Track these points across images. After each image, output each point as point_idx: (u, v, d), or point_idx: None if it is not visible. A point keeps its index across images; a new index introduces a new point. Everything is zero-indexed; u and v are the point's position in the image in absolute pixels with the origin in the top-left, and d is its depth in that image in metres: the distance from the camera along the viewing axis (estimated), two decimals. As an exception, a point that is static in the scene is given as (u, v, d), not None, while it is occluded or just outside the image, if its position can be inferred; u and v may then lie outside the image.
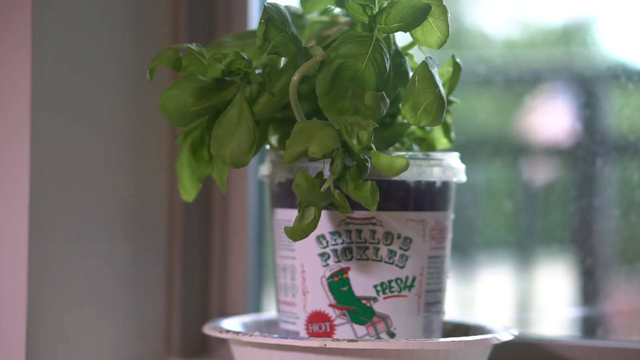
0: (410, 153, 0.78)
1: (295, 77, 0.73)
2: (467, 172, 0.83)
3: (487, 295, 2.13)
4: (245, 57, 0.75)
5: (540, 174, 2.14)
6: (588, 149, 1.37)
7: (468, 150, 1.22)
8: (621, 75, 1.24)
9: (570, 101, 2.09)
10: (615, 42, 1.29)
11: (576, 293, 1.89)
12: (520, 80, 1.48)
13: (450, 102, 0.81)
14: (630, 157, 1.38)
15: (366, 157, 0.73)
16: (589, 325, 1.57)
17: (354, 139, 0.71)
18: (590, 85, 2.07)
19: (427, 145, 0.84)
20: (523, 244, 2.11)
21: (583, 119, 1.42)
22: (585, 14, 1.32)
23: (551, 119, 2.07)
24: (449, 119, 0.84)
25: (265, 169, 0.82)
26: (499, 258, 2.25)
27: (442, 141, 0.84)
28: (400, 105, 0.74)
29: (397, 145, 0.82)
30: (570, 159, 1.80)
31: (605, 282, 1.86)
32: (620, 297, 1.80)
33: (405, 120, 0.79)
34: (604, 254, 1.82)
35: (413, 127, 0.81)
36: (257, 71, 0.78)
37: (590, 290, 1.80)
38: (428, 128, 0.83)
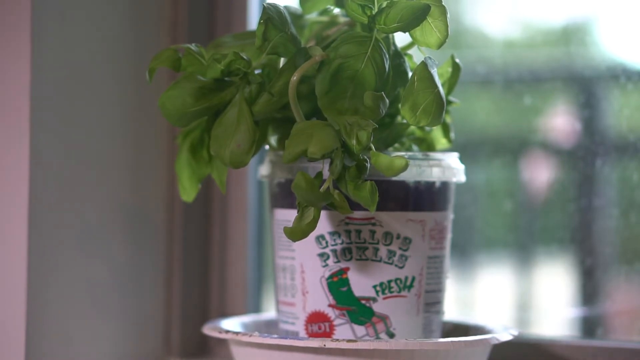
0: (409, 153, 0.77)
1: (295, 78, 0.73)
2: (467, 172, 0.83)
3: (487, 295, 2.13)
4: (245, 57, 0.75)
5: (540, 174, 2.14)
6: (588, 149, 1.37)
7: (468, 150, 1.22)
8: (621, 75, 1.24)
9: (570, 101, 2.09)
10: (615, 42, 1.29)
11: (576, 293, 1.89)
12: (520, 80, 1.48)
13: (449, 102, 0.81)
14: (630, 157, 1.38)
15: (365, 157, 0.73)
16: (589, 325, 1.57)
17: (353, 139, 0.71)
18: (590, 85, 2.07)
19: (427, 146, 0.84)
20: (523, 244, 2.11)
21: (583, 119, 1.42)
22: (585, 14, 1.32)
23: (551, 118, 2.07)
24: (448, 119, 0.84)
25: (264, 169, 0.82)
26: (499, 258, 2.25)
27: (441, 141, 0.84)
28: (400, 105, 0.74)
29: (396, 145, 0.82)
30: (570, 159, 1.80)
31: (605, 282, 1.86)
32: (620, 297, 1.80)
33: (404, 121, 0.79)
34: (604, 254, 1.82)
35: (412, 127, 0.81)
36: (256, 71, 0.78)
37: (590, 290, 1.80)
38: (427, 128, 0.83)
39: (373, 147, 0.73)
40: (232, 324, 0.87)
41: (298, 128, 0.72)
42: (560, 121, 2.11)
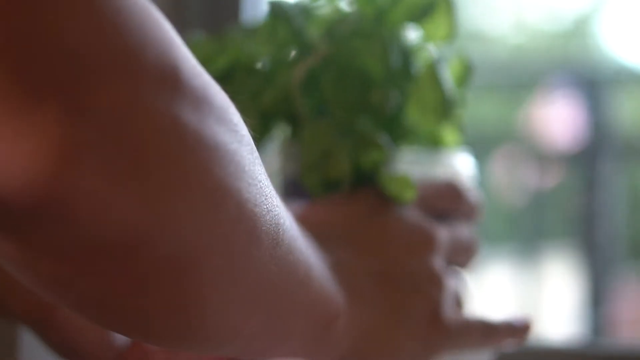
0: (416, 151, 0.76)
1: (300, 72, 0.72)
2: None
3: (490, 297, 2.13)
4: (251, 50, 0.74)
5: (546, 174, 2.14)
6: (594, 151, 1.37)
7: (468, 150, 1.22)
8: (627, 78, 1.25)
9: (576, 103, 2.09)
10: (621, 45, 1.29)
11: (582, 293, 1.89)
12: (522, 81, 1.48)
13: (458, 101, 0.80)
14: (636, 157, 1.37)
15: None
16: (595, 325, 1.56)
17: (364, 158, 0.70)
18: (595, 88, 2.07)
19: (435, 143, 0.82)
20: (528, 244, 2.10)
21: (588, 121, 1.43)
22: (590, 16, 1.32)
23: (556, 120, 2.07)
24: (458, 117, 0.82)
25: (273, 164, 0.80)
26: (504, 259, 2.24)
27: (450, 139, 0.83)
28: (407, 102, 0.73)
29: (403, 143, 0.80)
30: (577, 160, 1.79)
31: (612, 282, 1.85)
32: (627, 297, 1.80)
33: (412, 118, 0.78)
34: (611, 254, 1.81)
35: (420, 125, 0.80)
36: (262, 64, 0.77)
37: (596, 290, 1.79)
38: (436, 126, 0.81)
39: (385, 168, 0.71)
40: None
41: (310, 144, 0.71)
42: (567, 121, 2.11)
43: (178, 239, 0.42)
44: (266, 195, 0.48)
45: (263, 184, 0.48)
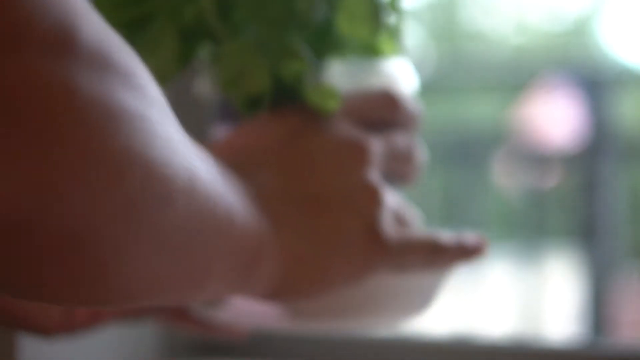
0: (349, 62, 0.69)
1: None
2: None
3: (490, 297, 2.13)
4: None
5: (547, 174, 2.14)
6: (594, 151, 1.38)
7: (467, 150, 1.22)
8: (627, 78, 1.25)
9: (577, 103, 2.09)
10: (622, 45, 1.29)
11: (582, 293, 1.89)
12: (522, 81, 1.48)
13: (392, 8, 0.73)
14: (636, 157, 1.37)
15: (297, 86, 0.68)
16: (595, 325, 1.56)
17: (285, 71, 0.66)
18: (596, 88, 2.07)
19: (371, 53, 0.76)
20: (529, 244, 2.10)
21: (589, 121, 1.43)
22: (591, 17, 1.32)
23: (557, 120, 2.07)
24: (395, 26, 0.76)
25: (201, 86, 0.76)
26: (504, 258, 2.24)
27: (387, 49, 0.76)
28: (335, 13, 0.66)
29: (336, 55, 0.75)
30: (577, 160, 1.79)
31: (613, 282, 1.85)
32: (628, 297, 1.80)
33: (342, 29, 0.72)
34: (612, 254, 1.81)
35: (352, 36, 0.74)
36: None
37: (596, 290, 1.79)
38: (368, 37, 0.75)
39: (307, 79, 0.67)
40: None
41: (225, 60, 0.68)
42: (567, 121, 2.11)
43: (73, 214, 0.41)
44: (181, 153, 0.46)
45: (176, 141, 0.46)
